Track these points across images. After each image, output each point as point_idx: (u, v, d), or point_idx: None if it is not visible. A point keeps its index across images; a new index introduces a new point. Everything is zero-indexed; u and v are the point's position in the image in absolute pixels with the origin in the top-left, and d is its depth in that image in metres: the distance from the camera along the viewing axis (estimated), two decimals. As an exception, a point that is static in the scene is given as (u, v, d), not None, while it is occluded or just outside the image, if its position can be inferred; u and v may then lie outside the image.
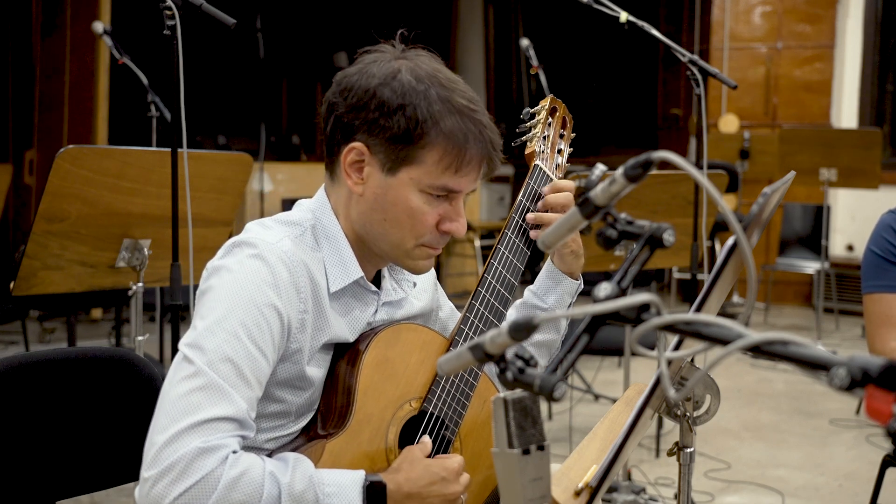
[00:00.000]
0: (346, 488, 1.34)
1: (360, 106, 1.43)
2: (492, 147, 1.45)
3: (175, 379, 1.31)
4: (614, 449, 1.25)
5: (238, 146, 7.81)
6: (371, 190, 1.45)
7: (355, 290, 1.52)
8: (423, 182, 1.43)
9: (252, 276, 1.37)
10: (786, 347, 0.80)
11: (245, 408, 1.32)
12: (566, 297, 1.72)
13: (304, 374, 1.45)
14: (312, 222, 1.50)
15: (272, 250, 1.40)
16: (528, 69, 9.22)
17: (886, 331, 2.23)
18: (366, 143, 1.43)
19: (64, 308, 4.56)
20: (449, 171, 1.42)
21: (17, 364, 1.60)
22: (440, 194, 1.45)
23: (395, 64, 1.44)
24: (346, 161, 1.45)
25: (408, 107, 1.40)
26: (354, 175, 1.46)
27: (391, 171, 1.43)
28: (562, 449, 3.93)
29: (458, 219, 1.48)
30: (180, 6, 2.45)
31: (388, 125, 1.41)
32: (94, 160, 2.45)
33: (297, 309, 1.41)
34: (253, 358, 1.34)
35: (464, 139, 1.41)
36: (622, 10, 3.08)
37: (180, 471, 1.24)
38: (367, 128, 1.42)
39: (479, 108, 1.46)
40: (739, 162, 7.67)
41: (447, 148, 1.41)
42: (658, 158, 0.93)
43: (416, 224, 1.45)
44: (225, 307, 1.35)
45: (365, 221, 1.48)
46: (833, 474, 3.92)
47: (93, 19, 5.15)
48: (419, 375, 1.52)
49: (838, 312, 7.22)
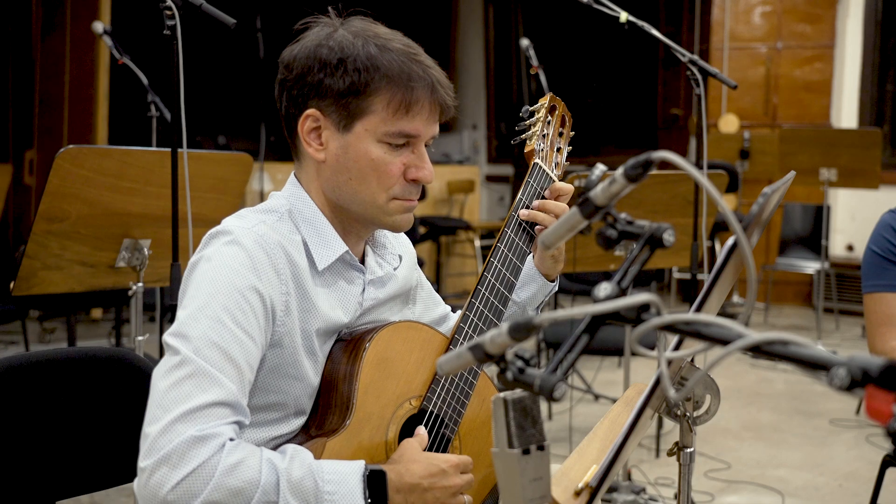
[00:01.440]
0: (346, 476, 1.34)
1: (303, 72, 1.45)
2: (439, 84, 1.47)
3: (162, 370, 1.31)
4: (614, 449, 1.25)
5: (238, 146, 7.80)
6: (332, 153, 1.47)
7: (340, 268, 1.52)
8: (379, 130, 1.44)
9: (230, 261, 1.38)
10: (786, 347, 0.80)
11: (235, 390, 1.32)
12: (539, 296, 1.78)
13: (297, 360, 1.45)
14: (288, 207, 1.51)
15: (247, 234, 1.41)
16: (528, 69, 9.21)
17: (887, 330, 2.23)
18: (317, 107, 1.46)
19: (64, 308, 4.56)
20: (400, 113, 1.44)
21: (17, 364, 1.60)
22: (399, 143, 1.46)
23: (329, 28, 1.48)
24: (304, 130, 1.47)
25: (347, 59, 1.43)
26: (314, 143, 1.48)
27: (346, 128, 1.45)
28: (562, 449, 3.93)
29: (424, 164, 1.49)
30: (180, 6, 2.45)
31: (333, 83, 1.43)
32: (94, 160, 2.45)
33: (279, 291, 1.41)
34: (239, 341, 1.34)
35: (408, 78, 1.43)
36: (622, 10, 3.08)
37: (177, 459, 1.24)
38: (315, 92, 1.45)
39: (419, 51, 1.49)
40: (739, 162, 7.67)
41: (392, 90, 1.43)
42: (658, 158, 0.93)
43: (381, 176, 1.46)
44: (205, 294, 1.36)
45: (334, 187, 1.49)
46: (833, 474, 3.92)
47: (93, 19, 5.15)
48: (419, 374, 1.52)
49: (838, 312, 7.22)
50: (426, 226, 7.76)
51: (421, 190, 1.52)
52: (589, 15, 3.16)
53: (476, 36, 10.76)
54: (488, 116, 10.80)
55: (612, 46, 9.50)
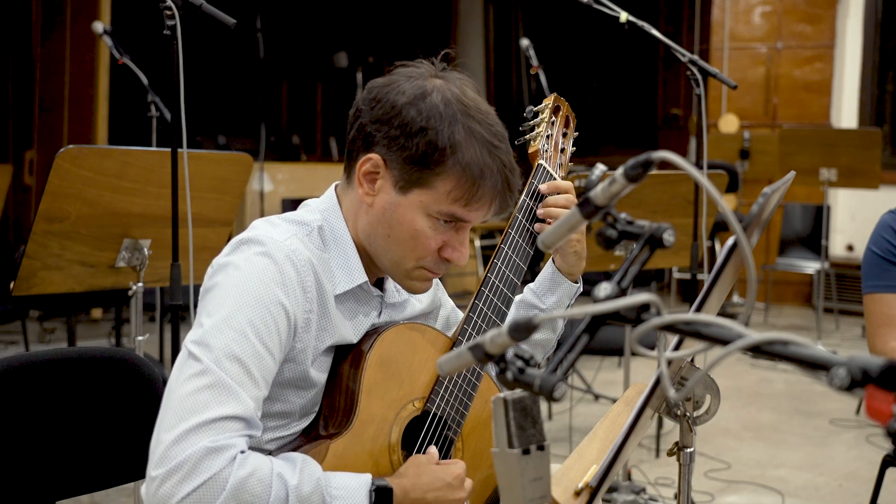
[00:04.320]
0: (353, 492, 1.34)
1: (384, 120, 1.42)
2: (507, 186, 1.45)
3: (182, 376, 1.31)
4: (614, 449, 1.25)
5: (238, 146, 7.81)
6: (380, 204, 1.45)
7: (359, 293, 1.52)
8: (432, 207, 1.43)
9: (260, 273, 1.37)
10: (786, 347, 0.80)
11: (252, 407, 1.32)
12: (565, 300, 1.73)
13: (308, 375, 1.45)
14: (320, 223, 1.49)
15: (280, 248, 1.40)
16: (528, 69, 9.21)
17: (887, 331, 2.23)
18: (383, 156, 1.43)
19: (64, 308, 4.56)
20: (459, 203, 1.42)
21: (17, 364, 1.60)
22: (447, 220, 1.45)
23: (427, 84, 1.44)
24: (362, 170, 1.45)
25: (430, 131, 1.40)
26: (367, 185, 1.46)
27: (403, 190, 1.43)
28: (562, 449, 3.93)
29: (461, 248, 1.47)
30: (180, 6, 2.45)
31: (408, 145, 1.41)
32: (94, 160, 2.45)
33: (303, 308, 1.41)
34: (260, 357, 1.34)
35: (480, 174, 1.41)
36: (622, 10, 3.08)
37: (188, 470, 1.24)
38: (387, 143, 1.42)
39: (504, 144, 1.45)
40: (739, 162, 7.67)
41: (462, 180, 1.41)
42: (658, 158, 0.93)
43: (417, 246, 1.45)
44: (232, 305, 1.35)
45: (370, 233, 1.48)
46: (833, 474, 3.92)
47: (93, 19, 5.15)
48: (422, 375, 1.52)
49: (838, 312, 7.22)
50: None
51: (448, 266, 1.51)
52: (589, 15, 3.16)
53: (476, 36, 10.75)
54: (488, 116, 10.78)
55: (612, 46, 9.50)
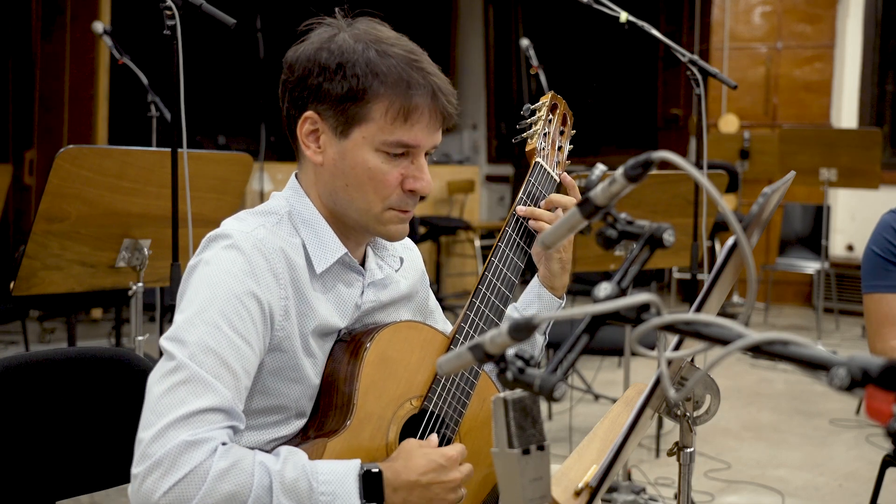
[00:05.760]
0: (341, 476, 1.33)
1: (303, 75, 1.44)
2: (440, 92, 1.44)
3: (158, 374, 1.31)
4: (614, 449, 1.25)
5: (238, 146, 7.80)
6: (330, 157, 1.46)
7: (339, 271, 1.51)
8: (377, 139, 1.43)
9: (228, 266, 1.38)
10: (786, 347, 0.80)
11: (230, 397, 1.31)
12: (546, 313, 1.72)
13: (297, 363, 1.45)
14: (287, 209, 1.50)
15: (247, 239, 1.40)
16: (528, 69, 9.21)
17: (887, 331, 2.23)
18: (316, 110, 1.45)
19: (64, 308, 4.56)
20: (398, 122, 1.42)
21: (17, 364, 1.60)
22: (398, 152, 1.44)
23: (332, 29, 1.46)
24: (303, 133, 1.46)
25: (346, 65, 1.41)
26: (312, 145, 1.47)
27: (344, 134, 1.44)
28: (562, 449, 3.93)
29: (422, 175, 1.47)
30: (180, 6, 2.45)
31: (331, 88, 1.42)
32: (94, 160, 2.45)
33: (277, 296, 1.41)
34: (236, 347, 1.34)
35: (406, 87, 1.41)
36: (622, 10, 3.08)
37: (168, 465, 1.24)
38: (314, 95, 1.44)
39: (422, 56, 1.46)
40: (739, 162, 7.67)
41: (392, 99, 1.41)
42: (658, 158, 0.93)
43: (378, 185, 1.45)
44: (203, 299, 1.35)
45: (331, 191, 1.48)
46: (833, 474, 3.92)
47: (93, 19, 5.15)
48: (420, 374, 1.52)
49: (838, 312, 7.22)
50: (426, 226, 7.75)
51: (418, 200, 1.50)
52: (589, 15, 3.16)
53: (476, 36, 10.76)
54: (488, 116, 10.80)
55: (612, 46, 9.50)
